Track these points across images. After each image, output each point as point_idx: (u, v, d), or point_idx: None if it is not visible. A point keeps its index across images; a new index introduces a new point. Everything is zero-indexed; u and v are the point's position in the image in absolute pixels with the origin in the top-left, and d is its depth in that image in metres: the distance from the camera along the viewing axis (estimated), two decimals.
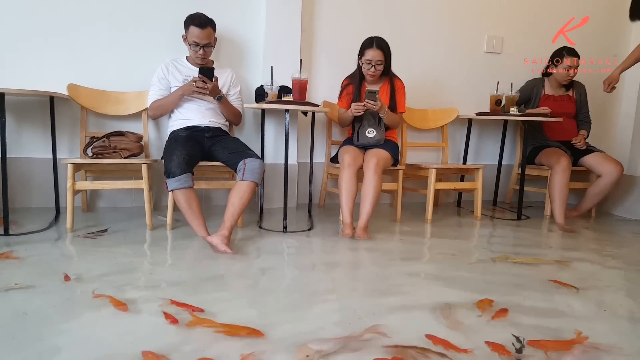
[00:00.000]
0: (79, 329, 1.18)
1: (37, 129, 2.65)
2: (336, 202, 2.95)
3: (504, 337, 1.20)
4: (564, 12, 3.54)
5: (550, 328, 1.29)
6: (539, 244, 2.37)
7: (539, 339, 1.20)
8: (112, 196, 2.83)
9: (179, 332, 1.18)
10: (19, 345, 1.07)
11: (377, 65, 2.50)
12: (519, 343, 1.17)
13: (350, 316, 1.31)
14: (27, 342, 1.09)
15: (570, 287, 1.65)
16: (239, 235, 2.27)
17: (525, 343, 1.17)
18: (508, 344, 1.16)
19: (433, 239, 2.40)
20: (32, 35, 2.58)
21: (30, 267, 1.65)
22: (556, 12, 3.54)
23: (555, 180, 2.84)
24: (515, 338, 1.20)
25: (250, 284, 1.59)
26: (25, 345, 1.07)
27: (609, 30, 3.69)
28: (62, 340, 1.10)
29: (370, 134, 2.56)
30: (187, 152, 2.19)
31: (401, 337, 1.17)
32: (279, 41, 2.91)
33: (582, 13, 3.51)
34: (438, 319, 1.31)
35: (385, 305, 1.40)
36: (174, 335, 1.16)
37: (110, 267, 1.68)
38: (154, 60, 2.62)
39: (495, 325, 1.29)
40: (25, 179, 2.64)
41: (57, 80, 2.54)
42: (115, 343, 1.11)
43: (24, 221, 2.33)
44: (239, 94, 2.68)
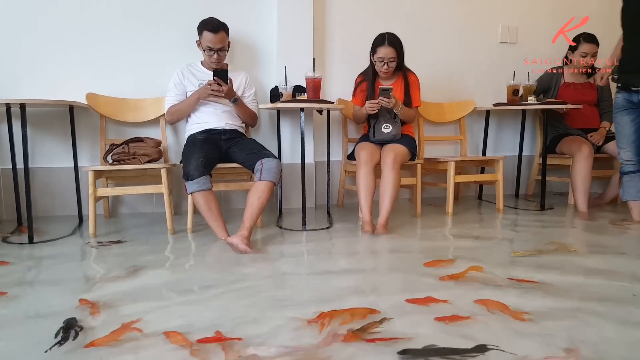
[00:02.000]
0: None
1: (58, 138, 2.71)
2: (354, 201, 2.94)
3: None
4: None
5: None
6: (565, 235, 2.31)
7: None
8: (133, 202, 2.87)
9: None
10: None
11: (389, 62, 2.49)
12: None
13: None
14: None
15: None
16: (258, 235, 2.28)
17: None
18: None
19: (455, 232, 2.36)
20: (50, 47, 2.65)
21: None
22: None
23: (577, 168, 2.78)
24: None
25: (274, 282, 1.59)
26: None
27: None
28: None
29: (387, 130, 2.54)
30: (205, 154, 2.21)
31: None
32: (292, 41, 2.92)
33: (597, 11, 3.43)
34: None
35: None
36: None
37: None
38: (170, 66, 2.65)
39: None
40: (48, 188, 2.70)
41: (76, 89, 2.59)
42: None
43: (48, 229, 2.38)
44: (254, 96, 2.69)
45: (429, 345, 1.06)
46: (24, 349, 1.08)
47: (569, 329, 1.17)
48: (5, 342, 1.12)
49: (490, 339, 1.10)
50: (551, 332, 1.15)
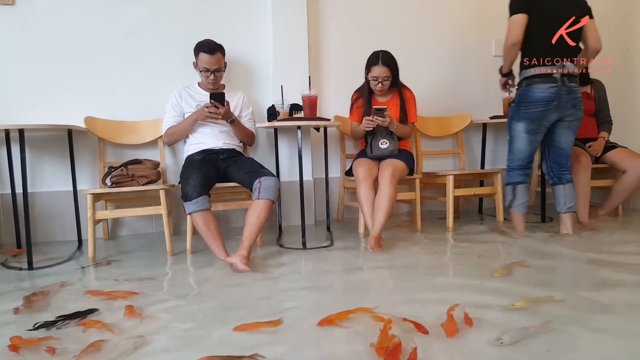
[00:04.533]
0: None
1: (57, 162, 2.72)
2: (354, 216, 2.94)
3: None
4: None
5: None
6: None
7: None
8: (132, 223, 2.87)
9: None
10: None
11: (384, 81, 2.51)
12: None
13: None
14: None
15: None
16: (258, 253, 2.27)
17: None
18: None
19: (458, 247, 2.35)
20: (47, 71, 2.67)
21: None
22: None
23: (576, 179, 2.76)
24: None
25: (273, 305, 1.58)
26: None
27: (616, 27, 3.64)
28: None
29: (384, 145, 2.55)
30: (203, 175, 2.21)
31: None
32: (287, 60, 2.95)
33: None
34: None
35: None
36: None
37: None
38: (167, 88, 2.67)
39: None
40: (47, 212, 2.70)
41: (74, 113, 2.61)
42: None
43: (47, 254, 2.37)
44: (251, 115, 2.71)
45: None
46: None
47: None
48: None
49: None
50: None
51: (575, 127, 2.43)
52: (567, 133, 2.43)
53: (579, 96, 2.38)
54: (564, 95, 2.33)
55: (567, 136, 2.44)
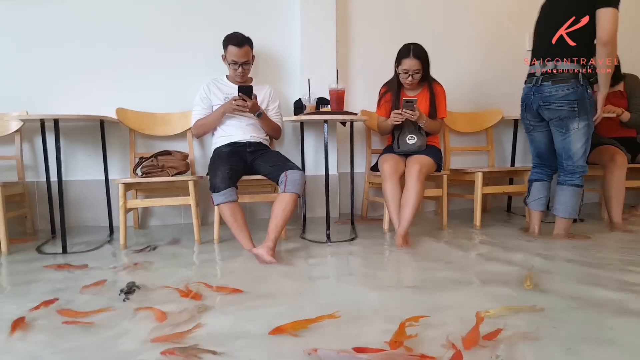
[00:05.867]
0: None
1: (89, 151, 2.80)
2: (379, 213, 2.92)
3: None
4: None
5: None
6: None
7: None
8: (162, 213, 2.93)
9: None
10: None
11: (414, 74, 2.46)
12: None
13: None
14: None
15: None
16: (283, 246, 2.28)
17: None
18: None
19: (485, 246, 2.30)
20: (81, 64, 2.75)
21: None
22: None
23: (610, 179, 2.67)
24: None
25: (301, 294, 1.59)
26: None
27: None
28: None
29: (411, 141, 2.52)
30: (231, 167, 2.24)
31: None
32: (315, 53, 2.94)
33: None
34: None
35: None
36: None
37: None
38: (196, 81, 2.71)
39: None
40: (81, 200, 2.79)
41: (106, 104, 2.68)
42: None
43: (80, 240, 2.46)
44: (278, 109, 2.72)
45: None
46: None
47: None
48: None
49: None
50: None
51: (559, 127, 2.27)
52: (555, 133, 2.32)
53: (548, 96, 2.24)
54: (532, 95, 2.32)
55: (556, 136, 2.32)
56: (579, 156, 2.28)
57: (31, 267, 1.95)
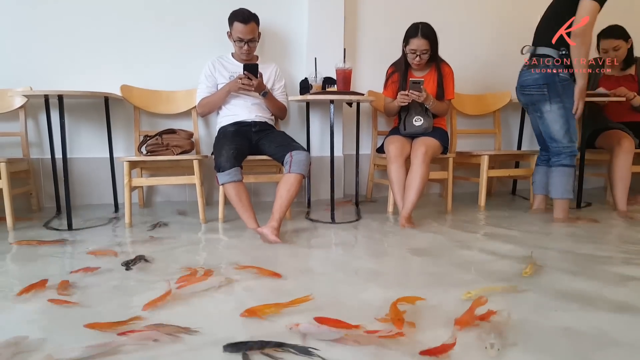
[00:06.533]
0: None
1: (94, 129, 2.79)
2: (383, 194, 2.92)
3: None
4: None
5: None
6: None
7: None
8: (167, 192, 2.94)
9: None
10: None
11: (422, 54, 2.42)
12: None
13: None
14: None
15: None
16: (288, 226, 2.29)
17: None
18: None
19: (488, 227, 2.30)
20: (86, 40, 2.71)
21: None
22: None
23: (616, 163, 2.65)
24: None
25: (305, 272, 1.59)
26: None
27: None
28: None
29: (418, 122, 2.49)
30: (236, 146, 2.23)
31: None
32: (322, 32, 2.89)
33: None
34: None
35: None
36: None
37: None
38: (201, 58, 2.67)
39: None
40: (85, 177, 2.79)
41: (110, 81, 2.65)
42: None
43: (86, 217, 2.47)
44: (283, 88, 2.69)
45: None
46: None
47: None
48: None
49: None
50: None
51: (535, 111, 2.40)
52: (534, 118, 2.48)
53: (522, 81, 2.41)
54: (517, 82, 2.46)
55: (536, 121, 2.46)
56: (561, 137, 2.34)
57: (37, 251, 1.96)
